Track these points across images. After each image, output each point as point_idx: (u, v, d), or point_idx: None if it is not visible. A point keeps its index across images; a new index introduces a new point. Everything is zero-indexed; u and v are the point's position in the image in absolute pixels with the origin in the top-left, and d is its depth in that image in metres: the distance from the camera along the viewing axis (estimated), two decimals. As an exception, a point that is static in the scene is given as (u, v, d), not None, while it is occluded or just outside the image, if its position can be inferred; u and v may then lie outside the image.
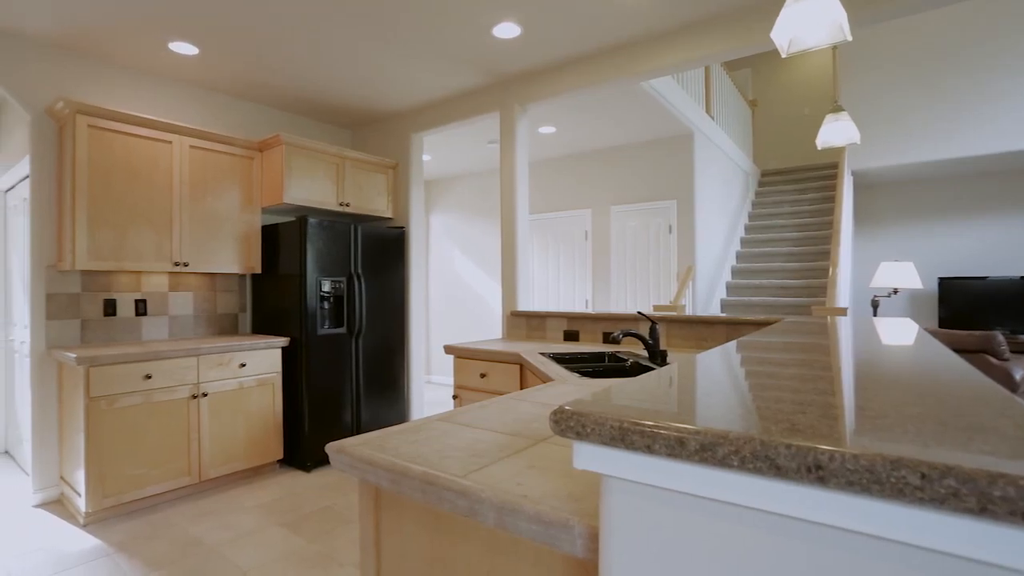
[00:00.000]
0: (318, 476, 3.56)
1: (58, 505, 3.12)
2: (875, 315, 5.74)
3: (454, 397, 2.97)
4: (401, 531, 1.01)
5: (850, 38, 1.70)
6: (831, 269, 4.19)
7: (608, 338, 3.10)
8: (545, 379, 2.05)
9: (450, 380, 6.83)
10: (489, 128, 4.91)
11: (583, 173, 5.83)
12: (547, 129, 4.95)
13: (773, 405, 0.64)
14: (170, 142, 3.41)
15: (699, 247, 5.15)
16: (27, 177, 3.45)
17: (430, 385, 6.89)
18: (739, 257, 6.31)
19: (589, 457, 0.63)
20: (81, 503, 2.85)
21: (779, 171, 7.81)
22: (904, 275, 5.43)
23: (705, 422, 0.57)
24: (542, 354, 2.58)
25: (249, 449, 3.47)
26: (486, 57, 3.41)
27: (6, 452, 4.16)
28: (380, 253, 4.14)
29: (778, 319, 2.52)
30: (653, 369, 2.13)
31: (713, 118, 5.69)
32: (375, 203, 4.35)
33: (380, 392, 4.13)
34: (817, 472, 0.47)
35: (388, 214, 4.46)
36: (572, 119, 4.68)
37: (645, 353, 2.54)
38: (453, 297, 6.88)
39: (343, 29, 3.04)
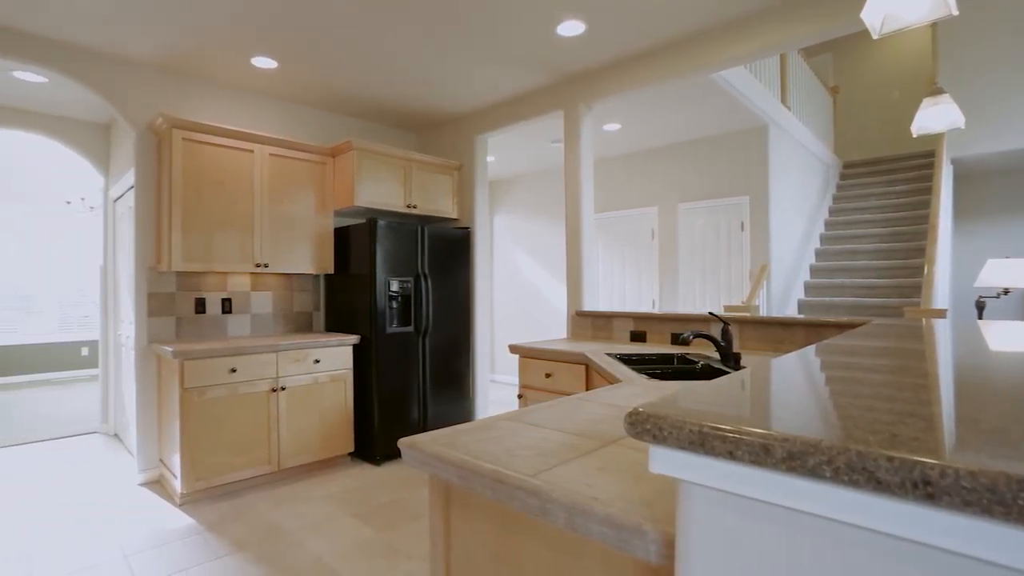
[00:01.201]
0: (387, 470, 3.68)
1: (158, 485, 3.41)
2: (980, 318, 5.22)
3: (519, 396, 2.98)
4: (470, 527, 1.02)
5: (956, 12, 1.53)
6: (927, 267, 3.85)
7: (677, 339, 3.00)
8: (612, 380, 2.02)
9: (514, 379, 6.87)
10: (552, 127, 4.89)
11: (649, 170, 5.69)
12: (612, 126, 4.87)
13: (867, 414, 0.59)
14: (252, 151, 3.64)
15: (774, 245, 4.89)
16: (132, 187, 3.79)
17: (494, 384, 6.96)
18: (819, 255, 5.94)
19: (666, 461, 0.61)
20: (177, 484, 3.10)
21: (864, 162, 7.28)
22: (1018, 274, 4.90)
23: (790, 429, 0.54)
24: (608, 355, 2.54)
25: (322, 441, 3.64)
26: (550, 56, 3.40)
27: (115, 435, 4.60)
28: (446, 253, 4.22)
29: (865, 321, 2.35)
30: (726, 372, 2.04)
31: (789, 108, 5.39)
32: (441, 204, 4.44)
33: (446, 390, 4.21)
34: (925, 488, 0.43)
35: (453, 215, 4.54)
36: (638, 115, 4.58)
37: (716, 355, 2.44)
38: (517, 297, 6.91)
39: (410, 37, 3.12)
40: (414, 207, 4.23)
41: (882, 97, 7.74)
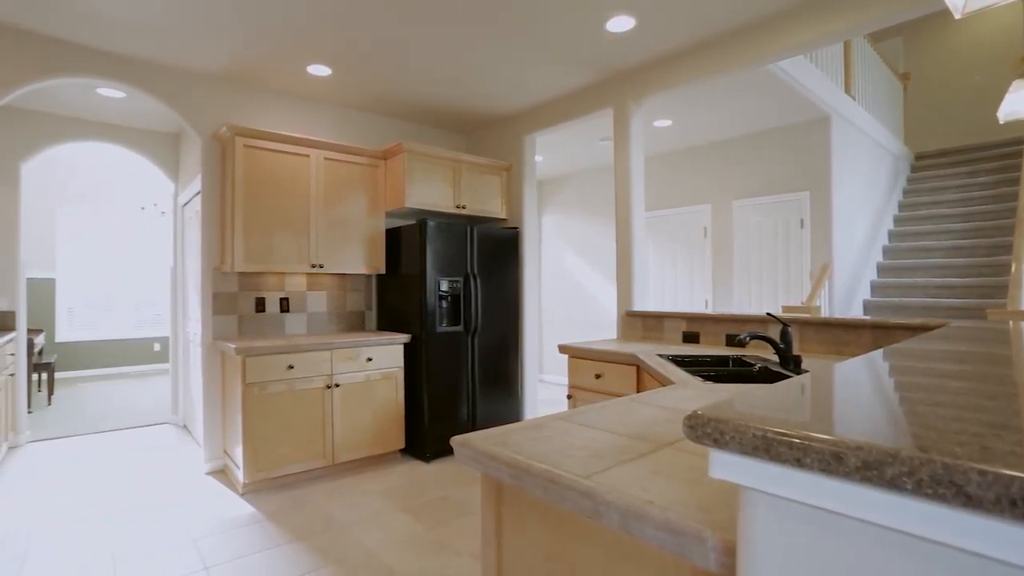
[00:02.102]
0: (437, 467, 3.74)
1: (222, 474, 3.59)
2: (1069, 320, 4.78)
3: (568, 397, 2.96)
4: (521, 526, 1.02)
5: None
6: (1014, 265, 3.57)
7: (732, 341, 2.90)
8: (664, 382, 1.97)
9: (562, 379, 6.84)
10: (601, 125, 4.84)
11: (701, 167, 5.53)
12: (662, 122, 4.76)
13: (951, 425, 0.55)
14: (308, 155, 3.78)
15: (836, 242, 4.65)
16: (198, 193, 4.01)
17: (542, 384, 6.95)
18: (887, 252, 5.60)
19: (727, 466, 0.59)
20: (240, 475, 3.25)
21: (939, 152, 6.81)
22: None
23: (863, 437, 0.50)
24: (660, 356, 2.48)
25: (374, 437, 3.73)
26: (598, 53, 3.36)
27: (184, 426, 4.88)
28: (494, 253, 4.25)
29: (942, 323, 2.19)
30: (786, 375, 1.95)
31: (854, 98, 5.11)
32: (489, 205, 4.47)
33: (495, 389, 4.23)
34: (1025, 506, 0.39)
35: (502, 215, 4.56)
36: (689, 110, 4.45)
37: (774, 358, 2.34)
38: (565, 296, 6.87)
39: (459, 41, 3.16)
40: (463, 208, 4.27)
41: (960, 82, 7.20)
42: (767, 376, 2.08)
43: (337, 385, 3.56)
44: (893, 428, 0.53)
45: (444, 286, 3.91)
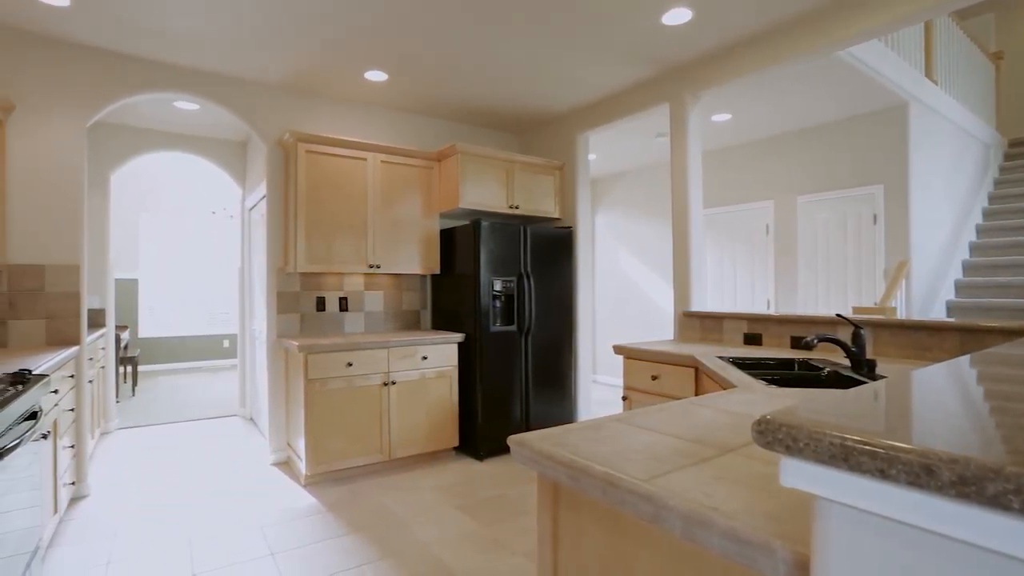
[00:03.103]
0: (490, 465, 3.76)
1: (286, 466, 3.76)
2: None
3: (623, 399, 2.91)
4: (578, 527, 1.00)
5: None
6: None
7: (798, 343, 2.76)
8: (725, 385, 1.89)
9: (615, 381, 6.73)
10: (657, 121, 4.72)
11: (763, 162, 5.30)
12: (721, 117, 4.60)
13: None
14: (365, 159, 3.89)
15: (915, 239, 4.34)
16: (264, 197, 4.21)
17: (595, 385, 6.86)
18: (974, 249, 5.18)
19: (800, 475, 0.55)
20: (302, 467, 3.39)
21: (1034, 140, 6.22)
22: None
23: (956, 449, 0.46)
24: (720, 358, 2.39)
25: (429, 435, 3.80)
26: (654, 47, 3.28)
27: (251, 418, 5.14)
28: (548, 253, 4.23)
29: (1038, 325, 2.00)
30: (859, 381, 1.83)
31: (936, 82, 4.75)
32: (543, 204, 4.46)
33: (548, 389, 4.22)
34: None
35: (555, 214, 4.54)
36: (750, 103, 4.28)
37: (845, 362, 2.20)
38: (619, 296, 6.76)
39: (512, 41, 3.16)
40: (516, 208, 4.28)
41: (1057, 63, 6.55)
42: (837, 381, 1.97)
43: (393, 383, 3.64)
44: (986, 441, 0.48)
45: (497, 286, 3.93)
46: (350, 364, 3.47)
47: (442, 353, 3.86)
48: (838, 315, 2.22)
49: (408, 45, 3.25)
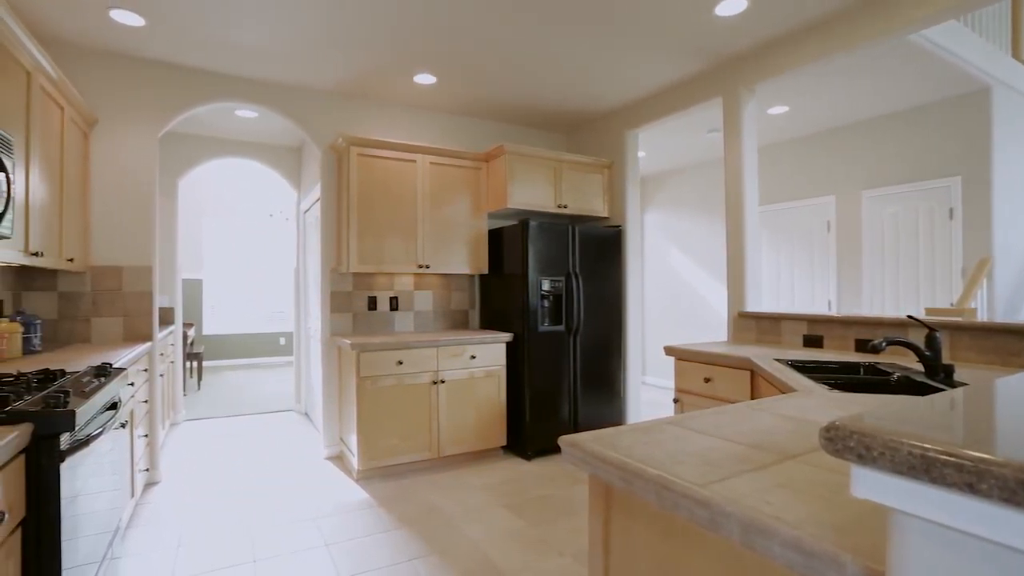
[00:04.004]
0: (538, 465, 3.75)
1: (339, 460, 3.87)
2: None
3: (675, 401, 2.83)
4: (631, 531, 0.98)
5: None
6: None
7: (865, 346, 2.60)
8: (783, 389, 1.81)
9: (666, 382, 6.58)
10: (709, 116, 4.58)
11: (824, 155, 5.05)
12: (778, 109, 4.41)
13: None
14: (414, 161, 3.96)
15: (998, 234, 4.01)
16: (318, 200, 4.36)
17: (645, 386, 6.73)
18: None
19: (874, 486, 0.51)
20: (354, 461, 3.48)
21: None
22: None
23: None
24: (778, 360, 2.29)
25: (477, 434, 3.82)
26: (707, 40, 3.18)
27: (306, 413, 5.33)
28: (596, 252, 4.18)
29: None
30: (935, 387, 1.71)
31: None
32: (591, 203, 4.41)
33: (597, 390, 4.17)
34: None
35: (604, 213, 4.48)
36: (809, 94, 4.08)
37: (917, 367, 2.06)
38: (670, 296, 6.60)
39: (560, 38, 3.14)
40: (565, 207, 4.25)
41: None
42: (909, 387, 1.84)
43: (442, 381, 3.69)
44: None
45: (546, 286, 3.91)
46: (400, 362, 3.55)
47: (490, 352, 3.88)
48: (909, 316, 2.08)
49: (459, 47, 3.28)
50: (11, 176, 1.82)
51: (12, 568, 1.26)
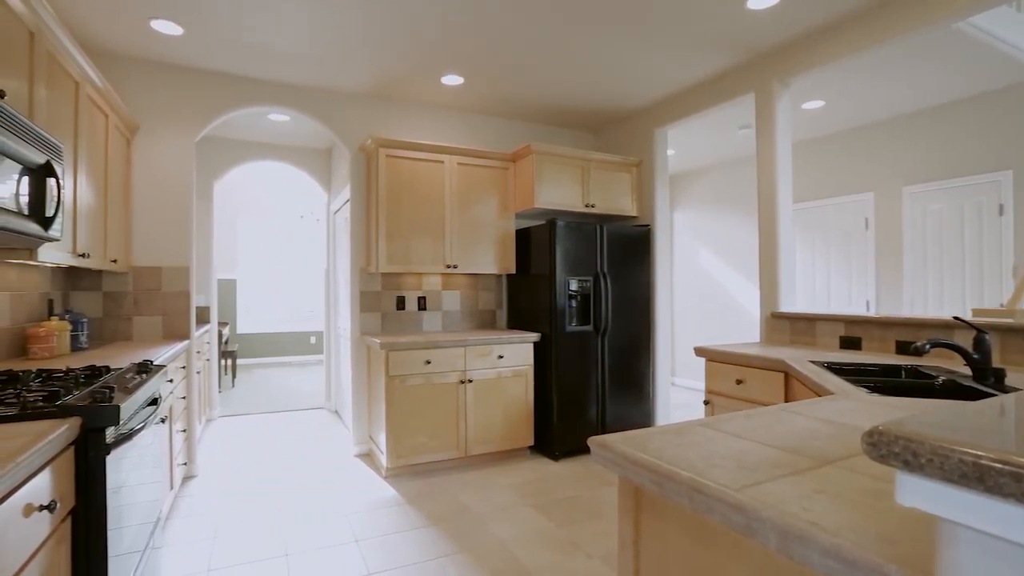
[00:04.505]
0: (565, 466, 3.74)
1: (368, 458, 3.93)
2: None
3: (705, 403, 2.78)
4: (661, 534, 0.96)
5: None
6: None
7: (907, 348, 2.51)
8: (819, 391, 1.76)
9: (696, 384, 6.47)
10: (740, 113, 4.49)
11: (862, 151, 4.89)
12: (813, 104, 4.29)
13: None
14: (442, 161, 3.99)
15: (1048, 232, 3.83)
16: (347, 201, 4.43)
17: (674, 387, 6.63)
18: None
19: (921, 494, 0.49)
20: (383, 459, 3.53)
21: None
22: None
23: None
24: (813, 363, 2.23)
25: (504, 433, 3.83)
26: (738, 34, 3.11)
27: (336, 411, 5.43)
28: (625, 252, 4.14)
29: None
30: (984, 392, 1.64)
31: (1074, 54, 4.16)
32: (619, 203, 4.37)
33: (625, 390, 4.13)
34: None
35: (632, 213, 4.43)
36: (847, 87, 3.95)
37: (964, 370, 1.98)
38: (700, 296, 6.49)
39: (588, 37, 3.12)
40: (592, 206, 4.22)
41: None
42: (955, 391, 1.77)
43: (470, 381, 3.71)
44: None
45: (573, 286, 3.89)
46: (428, 362, 3.57)
47: (518, 352, 3.88)
48: (955, 318, 1.99)
49: (487, 48, 3.29)
50: (61, 182, 1.91)
51: (63, 554, 1.32)
